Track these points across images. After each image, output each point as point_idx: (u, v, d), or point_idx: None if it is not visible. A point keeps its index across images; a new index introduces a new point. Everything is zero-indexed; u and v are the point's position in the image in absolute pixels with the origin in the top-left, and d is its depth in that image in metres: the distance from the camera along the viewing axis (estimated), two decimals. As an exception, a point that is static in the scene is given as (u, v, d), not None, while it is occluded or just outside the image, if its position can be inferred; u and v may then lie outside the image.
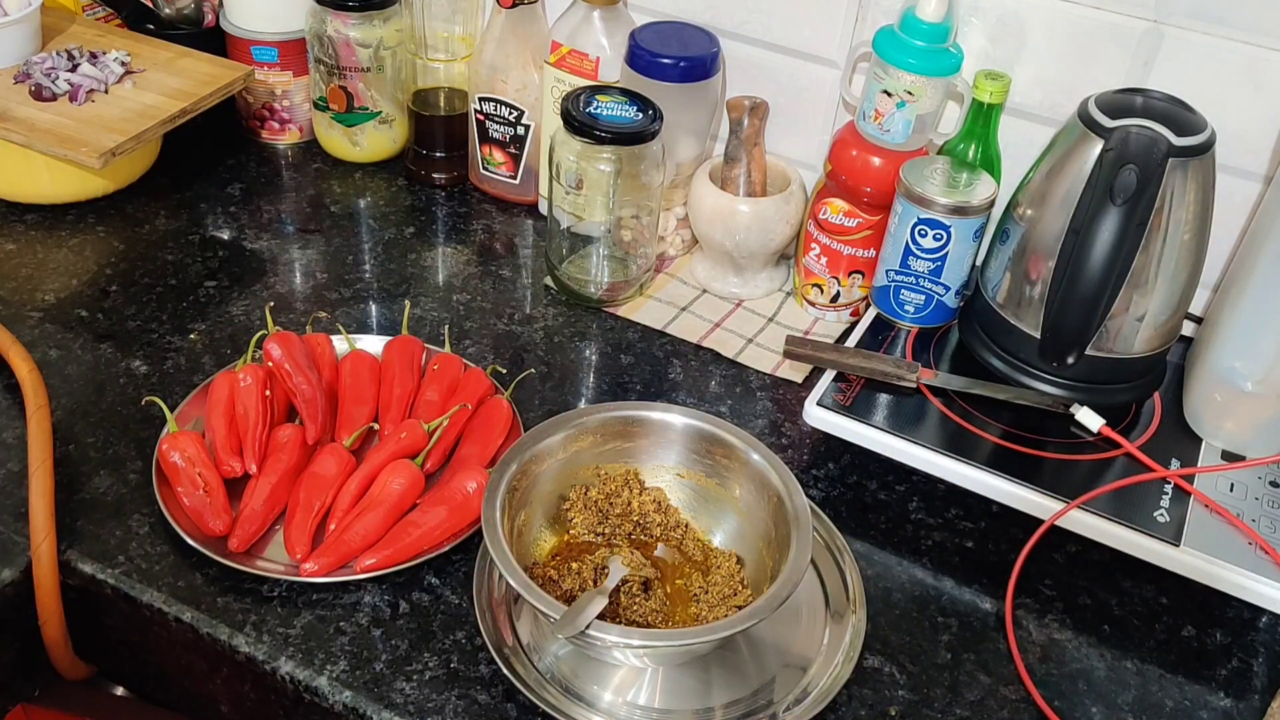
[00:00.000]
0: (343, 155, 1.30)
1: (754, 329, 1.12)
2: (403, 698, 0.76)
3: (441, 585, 0.83)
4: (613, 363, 1.07)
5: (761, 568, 0.82)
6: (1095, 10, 0.99)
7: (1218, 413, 0.94)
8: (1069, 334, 0.90)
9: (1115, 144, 0.85)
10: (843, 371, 0.97)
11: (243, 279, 1.11)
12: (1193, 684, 0.82)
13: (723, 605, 0.80)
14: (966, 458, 0.91)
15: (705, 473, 0.86)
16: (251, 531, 0.84)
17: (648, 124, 1.03)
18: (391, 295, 1.12)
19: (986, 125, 1.02)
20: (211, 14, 1.31)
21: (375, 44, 1.22)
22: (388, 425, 0.94)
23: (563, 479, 0.86)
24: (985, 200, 0.98)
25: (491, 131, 1.22)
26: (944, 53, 0.99)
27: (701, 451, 0.86)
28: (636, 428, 0.86)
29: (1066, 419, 0.93)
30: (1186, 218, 0.88)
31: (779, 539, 0.79)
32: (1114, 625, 0.86)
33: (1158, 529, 0.86)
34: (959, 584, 0.88)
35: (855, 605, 0.83)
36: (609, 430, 0.86)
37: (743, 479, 0.84)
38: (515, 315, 1.11)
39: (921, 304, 1.03)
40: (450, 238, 1.21)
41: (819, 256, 1.11)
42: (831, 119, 1.16)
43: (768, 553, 0.81)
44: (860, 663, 0.80)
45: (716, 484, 0.86)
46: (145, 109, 1.12)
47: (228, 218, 1.21)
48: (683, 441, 0.86)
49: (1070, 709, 0.79)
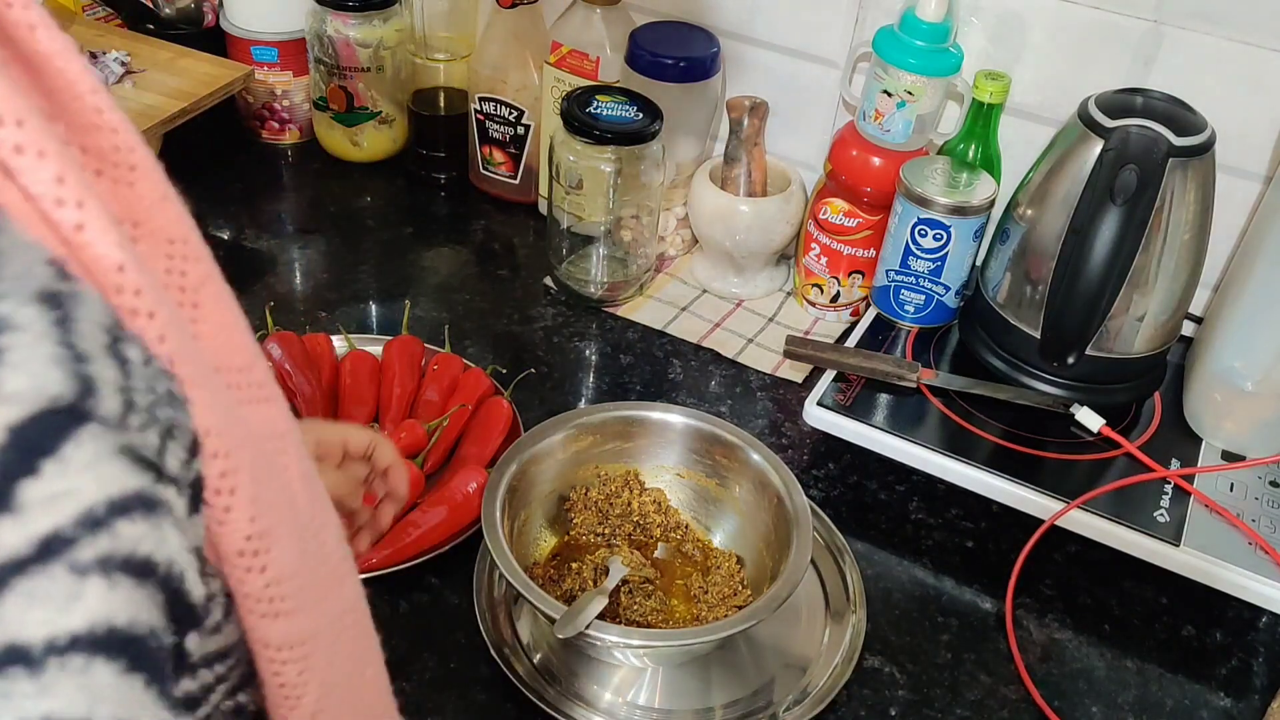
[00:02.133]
0: (343, 155, 1.30)
1: (754, 329, 1.12)
2: (403, 698, 0.75)
3: (441, 585, 0.83)
4: (613, 363, 1.07)
5: (761, 568, 0.82)
6: (1095, 10, 0.99)
7: (1218, 413, 0.94)
8: (1069, 334, 0.90)
9: (1115, 144, 0.85)
10: (843, 371, 0.97)
11: (243, 279, 1.11)
12: (1193, 684, 0.82)
13: (722, 605, 0.80)
14: (966, 458, 0.91)
15: (705, 473, 0.86)
16: (251, 531, 0.84)
17: (648, 124, 1.03)
18: (391, 295, 1.12)
19: (986, 125, 1.02)
20: (211, 14, 1.31)
21: (375, 44, 1.22)
22: (388, 425, 0.94)
23: (563, 479, 0.86)
24: (985, 200, 0.98)
25: (491, 131, 1.22)
26: (944, 53, 0.99)
27: (701, 451, 0.86)
28: (636, 428, 0.86)
29: (1066, 419, 0.93)
30: (1186, 218, 0.88)
31: (779, 539, 0.79)
32: (1114, 625, 0.86)
33: (1158, 529, 0.86)
34: (959, 584, 0.88)
35: (855, 605, 0.83)
36: (609, 430, 0.86)
37: (743, 479, 0.84)
38: (515, 315, 1.11)
39: (921, 304, 1.03)
40: (450, 238, 1.21)
41: (819, 256, 1.10)
42: (831, 119, 1.16)
43: (768, 553, 0.81)
44: (860, 663, 0.80)
45: (717, 484, 0.86)
46: (145, 109, 1.12)
47: (228, 218, 1.21)
48: (683, 441, 0.86)
49: (1070, 709, 0.79)
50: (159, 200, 0.37)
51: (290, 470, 0.39)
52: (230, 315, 0.38)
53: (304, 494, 0.40)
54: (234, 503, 0.34)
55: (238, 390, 0.37)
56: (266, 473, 0.37)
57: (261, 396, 0.38)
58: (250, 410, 0.38)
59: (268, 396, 0.39)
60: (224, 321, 0.38)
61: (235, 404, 0.37)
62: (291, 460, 0.40)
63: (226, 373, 0.37)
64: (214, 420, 0.34)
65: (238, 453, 0.35)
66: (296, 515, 0.39)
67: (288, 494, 0.39)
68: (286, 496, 0.39)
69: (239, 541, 0.35)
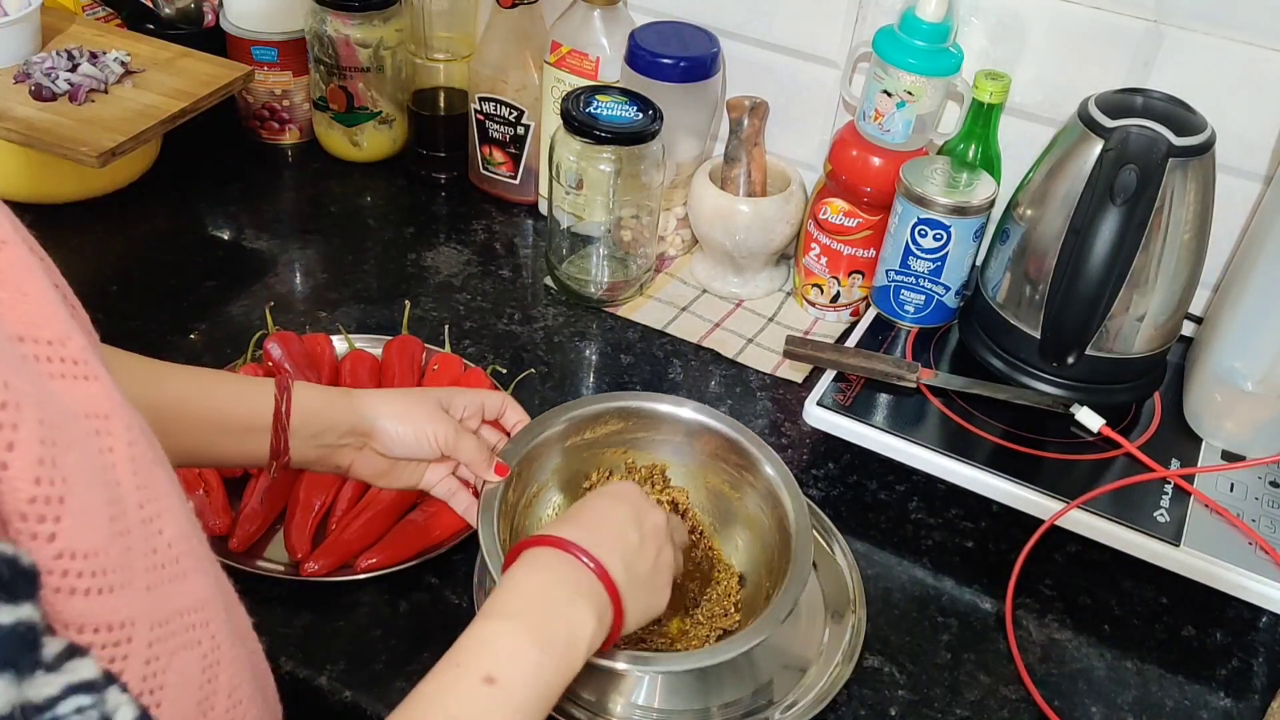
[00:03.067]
0: (343, 155, 1.30)
1: (754, 329, 1.12)
2: (403, 697, 0.76)
3: (441, 585, 0.83)
4: (613, 363, 1.07)
5: (759, 591, 0.81)
6: (1095, 10, 0.99)
7: (1218, 413, 0.94)
8: (1069, 334, 0.90)
9: (1115, 144, 0.85)
10: (843, 371, 0.97)
11: (242, 279, 1.11)
12: (1193, 684, 0.82)
13: (708, 624, 0.80)
14: (966, 458, 0.91)
15: (727, 480, 0.85)
16: (251, 531, 0.84)
17: (648, 124, 1.03)
18: (391, 295, 1.12)
19: (986, 125, 1.02)
20: (211, 14, 1.31)
21: (375, 44, 1.22)
22: (388, 425, 0.93)
23: (585, 461, 0.85)
24: (985, 200, 0.98)
25: (491, 131, 1.22)
26: (944, 53, 0.99)
27: (724, 457, 0.84)
28: (665, 423, 0.85)
29: (1066, 419, 0.93)
30: (1186, 218, 0.88)
31: (779, 567, 0.78)
32: (1114, 625, 0.86)
33: (1158, 529, 0.86)
34: (959, 584, 0.88)
35: (855, 605, 0.83)
36: (636, 420, 0.85)
37: (756, 492, 0.83)
38: (515, 315, 1.11)
39: (921, 304, 1.03)
40: (450, 238, 1.21)
41: (819, 256, 1.11)
42: (831, 119, 1.16)
43: (766, 578, 0.80)
44: (860, 663, 0.80)
45: (735, 493, 0.85)
46: (145, 109, 1.12)
47: (227, 218, 1.21)
48: (705, 443, 0.85)
49: (1070, 709, 0.79)
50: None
51: (115, 452, 0.39)
52: (37, 286, 0.38)
53: (132, 479, 0.40)
54: (11, 459, 0.34)
55: (44, 363, 0.37)
56: (70, 445, 0.36)
57: (77, 374, 0.38)
58: (61, 385, 0.38)
59: (86, 375, 0.39)
60: (26, 291, 0.37)
61: (37, 375, 0.37)
62: (116, 441, 0.39)
63: (31, 343, 0.37)
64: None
65: (20, 411, 0.34)
66: (114, 494, 0.39)
67: (104, 473, 0.38)
68: (101, 474, 0.38)
69: (20, 503, 0.35)
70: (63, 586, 0.36)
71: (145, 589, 0.40)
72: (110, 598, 0.38)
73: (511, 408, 0.83)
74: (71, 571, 0.36)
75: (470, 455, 0.77)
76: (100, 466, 0.38)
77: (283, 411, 0.72)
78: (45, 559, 0.35)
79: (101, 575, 0.37)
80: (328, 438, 0.74)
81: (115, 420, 0.40)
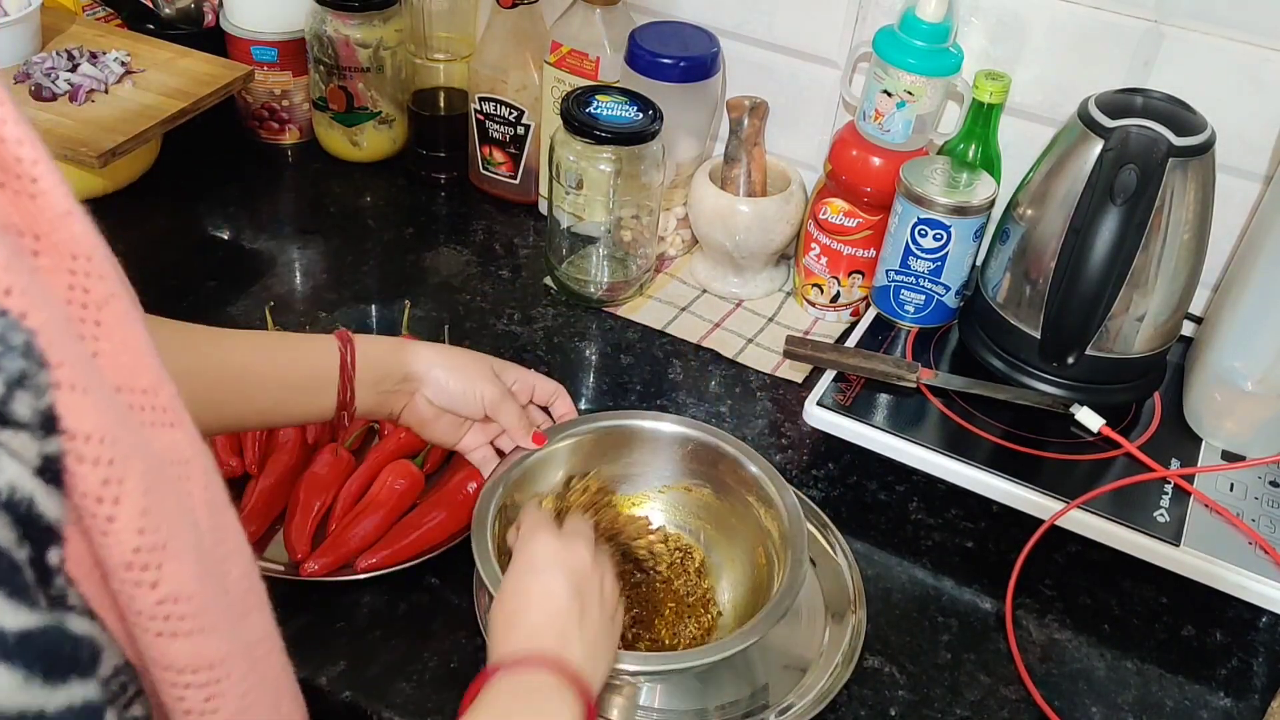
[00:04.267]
0: (343, 155, 1.30)
1: (754, 329, 1.12)
2: (403, 697, 0.76)
3: (441, 585, 0.83)
4: (613, 363, 1.07)
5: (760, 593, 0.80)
6: (1095, 10, 0.99)
7: (1218, 413, 0.94)
8: (1069, 334, 0.90)
9: (1115, 144, 0.85)
10: (843, 371, 0.97)
11: (243, 279, 1.11)
12: (1193, 684, 0.82)
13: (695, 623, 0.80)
14: (966, 458, 0.91)
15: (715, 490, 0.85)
16: (251, 531, 0.84)
17: (648, 124, 1.03)
18: (391, 295, 1.12)
19: (986, 125, 1.02)
20: (211, 14, 1.31)
21: (375, 44, 1.22)
22: (387, 425, 0.94)
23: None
24: (985, 200, 0.98)
25: (491, 131, 1.22)
26: (944, 53, 0.99)
27: (715, 466, 0.84)
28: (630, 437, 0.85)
29: (1066, 419, 0.93)
30: (1186, 218, 0.88)
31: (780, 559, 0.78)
32: (1114, 625, 0.86)
33: (1158, 529, 0.86)
34: (959, 584, 0.88)
35: (855, 605, 0.83)
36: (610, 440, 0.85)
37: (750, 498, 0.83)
38: (515, 315, 1.11)
39: (921, 304, 1.03)
40: (450, 238, 1.21)
41: (819, 256, 1.11)
42: (831, 119, 1.16)
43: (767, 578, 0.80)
44: (860, 663, 0.80)
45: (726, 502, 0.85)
46: (145, 109, 1.12)
47: (227, 218, 1.21)
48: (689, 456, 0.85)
49: (1070, 709, 0.79)
50: (62, 215, 0.37)
51: (194, 496, 0.40)
52: (136, 337, 0.38)
53: (208, 521, 0.40)
54: (118, 513, 0.35)
55: (140, 412, 0.38)
56: (165, 492, 0.37)
57: (165, 421, 0.39)
58: (153, 433, 0.38)
59: (172, 422, 0.39)
60: (128, 342, 0.38)
61: (137, 424, 0.37)
62: (196, 487, 0.40)
63: (128, 393, 0.37)
64: (100, 426, 0.34)
65: (126, 464, 0.35)
66: (199, 539, 0.39)
67: (190, 518, 0.39)
68: (188, 519, 0.39)
69: (125, 554, 0.35)
70: (164, 631, 0.37)
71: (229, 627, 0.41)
72: (206, 638, 0.39)
73: (562, 399, 0.86)
74: (174, 615, 0.37)
75: (511, 421, 0.80)
76: (188, 512, 0.39)
77: (348, 363, 0.75)
78: (148, 605, 0.36)
79: (196, 617, 0.38)
80: (386, 384, 0.78)
81: (195, 465, 0.40)
